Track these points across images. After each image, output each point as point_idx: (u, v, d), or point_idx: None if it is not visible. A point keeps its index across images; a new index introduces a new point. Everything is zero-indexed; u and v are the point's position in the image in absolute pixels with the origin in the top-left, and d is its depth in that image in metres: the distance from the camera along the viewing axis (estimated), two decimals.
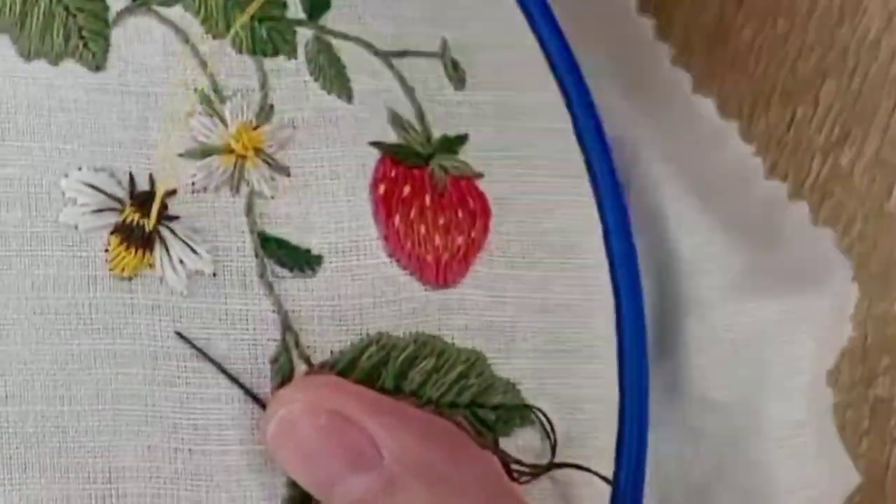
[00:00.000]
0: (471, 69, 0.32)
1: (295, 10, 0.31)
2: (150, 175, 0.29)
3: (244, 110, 0.30)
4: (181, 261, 0.29)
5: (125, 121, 0.29)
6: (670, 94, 0.38)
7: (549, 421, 0.31)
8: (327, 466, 0.27)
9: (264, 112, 0.30)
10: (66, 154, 0.29)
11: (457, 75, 0.32)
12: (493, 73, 0.33)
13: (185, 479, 0.28)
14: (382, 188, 0.30)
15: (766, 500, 0.34)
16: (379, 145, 0.31)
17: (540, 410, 0.31)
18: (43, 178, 0.28)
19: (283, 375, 0.29)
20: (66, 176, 0.28)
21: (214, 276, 0.29)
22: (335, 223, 0.30)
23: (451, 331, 0.30)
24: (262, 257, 0.29)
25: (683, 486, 0.35)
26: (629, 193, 0.35)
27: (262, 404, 0.28)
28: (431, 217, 0.31)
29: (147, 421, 0.28)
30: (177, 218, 0.29)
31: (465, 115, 0.32)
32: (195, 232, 0.29)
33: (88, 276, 0.28)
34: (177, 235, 0.29)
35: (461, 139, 0.32)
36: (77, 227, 0.28)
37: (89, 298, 0.28)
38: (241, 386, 0.28)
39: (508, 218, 0.32)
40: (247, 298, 0.29)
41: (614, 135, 0.34)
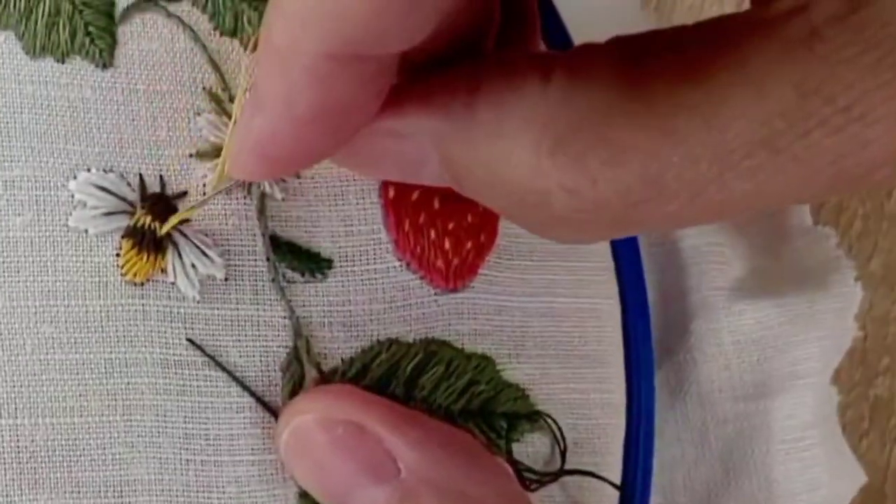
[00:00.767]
0: None
1: None
2: (160, 176, 0.28)
3: None
4: (193, 265, 0.28)
5: (134, 120, 0.28)
6: None
7: (558, 427, 0.31)
8: (342, 478, 0.27)
9: None
10: (74, 155, 0.28)
11: None
12: None
13: (197, 491, 0.27)
14: (392, 192, 0.30)
15: (771, 503, 0.34)
16: None
17: (549, 416, 0.31)
18: (51, 180, 0.27)
19: (294, 383, 0.28)
20: (74, 178, 0.28)
21: (226, 280, 0.28)
22: (345, 227, 0.29)
23: (461, 336, 0.30)
24: (274, 261, 0.29)
25: (688, 488, 0.35)
26: None
27: (273, 413, 0.28)
28: (441, 221, 0.30)
29: (159, 432, 0.27)
30: (187, 221, 0.28)
31: None
32: (207, 235, 0.28)
33: (99, 283, 0.27)
34: (189, 239, 0.28)
35: None
36: (87, 232, 0.27)
37: (100, 306, 0.27)
38: (252, 394, 0.28)
39: None
40: (258, 304, 0.28)
41: None
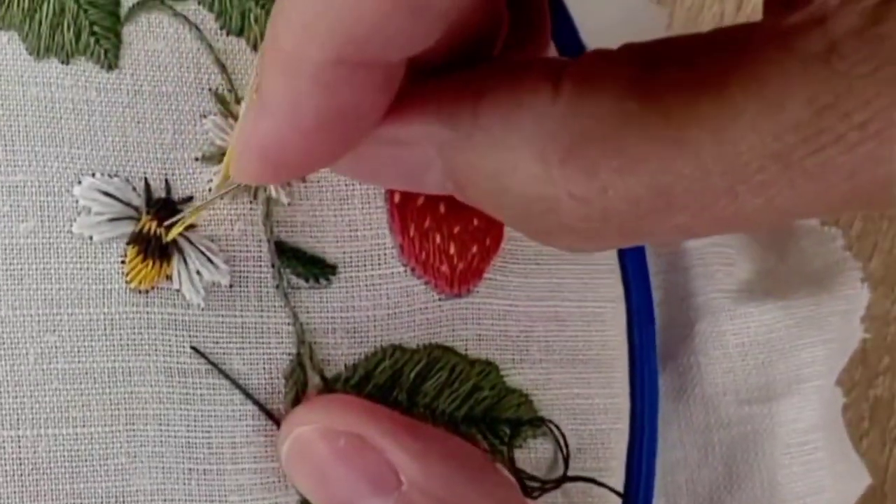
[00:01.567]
0: None
1: None
2: (166, 180, 0.28)
3: None
4: (199, 272, 0.28)
5: (139, 123, 0.28)
6: None
7: (561, 433, 0.30)
8: (344, 490, 0.27)
9: None
10: (78, 159, 0.27)
11: None
12: None
13: (200, 501, 0.27)
14: (398, 196, 0.30)
15: None
16: None
17: (552, 423, 0.30)
18: (55, 186, 0.27)
19: (297, 390, 0.28)
20: (79, 183, 0.27)
21: (231, 287, 0.28)
22: (350, 231, 0.29)
23: (465, 341, 0.30)
24: (279, 267, 0.28)
25: (691, 491, 0.35)
26: None
27: (276, 421, 0.28)
28: (446, 226, 0.30)
29: (161, 441, 0.27)
30: (193, 227, 0.28)
31: None
32: (212, 241, 0.28)
33: (104, 290, 0.27)
34: (195, 245, 0.28)
35: None
36: (92, 238, 0.27)
37: (104, 314, 0.27)
38: (255, 402, 0.28)
39: None
40: (262, 311, 0.28)
41: None
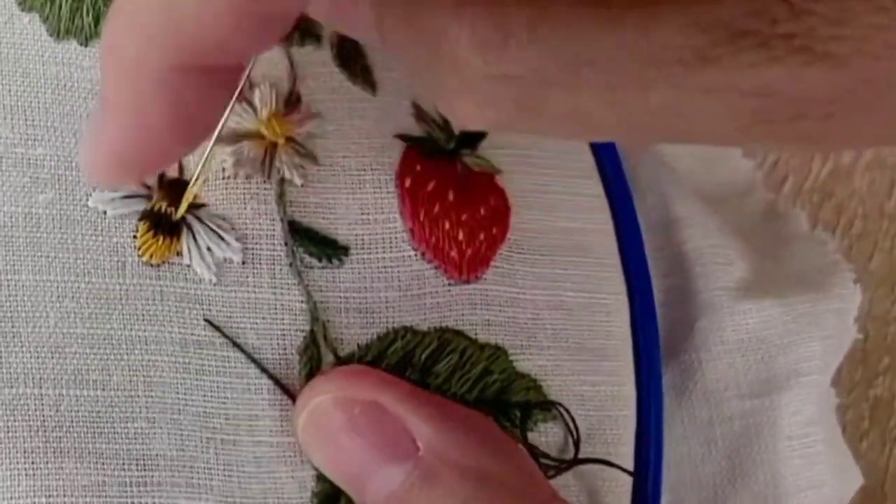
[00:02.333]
0: None
1: None
2: (178, 161, 0.28)
3: (272, 98, 0.29)
4: (209, 248, 0.28)
5: None
6: None
7: (571, 417, 0.31)
8: (360, 458, 0.27)
9: (292, 101, 0.29)
10: None
11: None
12: None
13: (218, 469, 0.27)
14: (409, 181, 0.30)
15: (777, 500, 0.35)
16: (405, 138, 0.30)
17: (562, 406, 0.31)
18: (72, 160, 0.28)
19: (311, 366, 0.28)
20: None
21: (244, 264, 0.28)
22: (362, 215, 0.29)
23: (474, 326, 0.30)
24: (292, 246, 0.29)
25: (696, 486, 0.35)
26: (637, 197, 0.35)
27: (291, 395, 0.28)
28: (455, 213, 0.30)
29: (179, 409, 0.28)
30: (203, 205, 0.28)
31: None
32: (224, 219, 0.28)
33: (118, 262, 0.28)
34: (204, 223, 0.28)
35: (480, 135, 0.31)
36: (106, 213, 0.28)
37: (119, 284, 0.28)
38: (270, 376, 0.28)
39: (526, 214, 0.31)
40: (276, 288, 0.28)
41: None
